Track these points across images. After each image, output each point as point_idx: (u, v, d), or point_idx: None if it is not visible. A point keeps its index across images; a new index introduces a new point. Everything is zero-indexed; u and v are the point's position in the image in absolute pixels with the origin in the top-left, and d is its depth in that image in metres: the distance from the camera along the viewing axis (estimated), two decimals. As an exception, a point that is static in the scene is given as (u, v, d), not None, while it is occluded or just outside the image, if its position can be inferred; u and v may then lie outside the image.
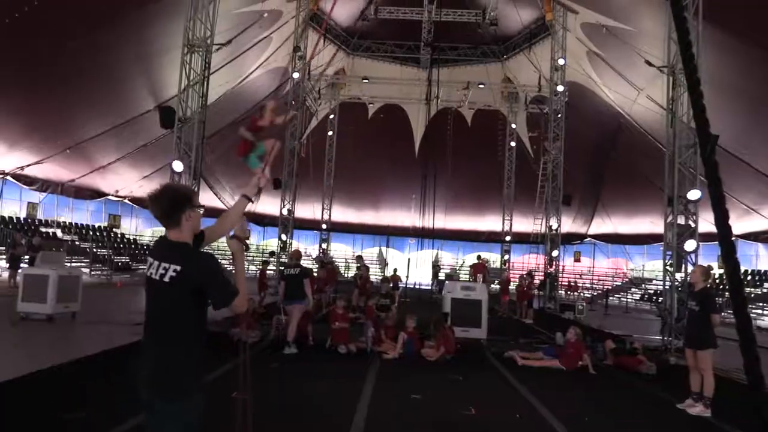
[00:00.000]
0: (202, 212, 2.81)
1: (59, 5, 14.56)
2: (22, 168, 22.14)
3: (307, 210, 28.97)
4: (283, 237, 21.33)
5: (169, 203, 2.70)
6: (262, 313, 11.88)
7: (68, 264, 12.65)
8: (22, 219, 24.49)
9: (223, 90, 21.51)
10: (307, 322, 10.17)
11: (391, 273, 22.89)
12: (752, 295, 22.28)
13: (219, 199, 32.53)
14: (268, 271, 16.12)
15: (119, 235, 29.35)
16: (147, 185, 28.36)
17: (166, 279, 2.60)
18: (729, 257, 1.16)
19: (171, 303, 2.65)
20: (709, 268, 7.53)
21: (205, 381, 2.69)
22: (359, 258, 21.61)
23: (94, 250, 24.15)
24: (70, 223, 26.86)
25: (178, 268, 2.60)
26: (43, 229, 24.14)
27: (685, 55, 1.28)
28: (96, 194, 27.62)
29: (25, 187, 23.74)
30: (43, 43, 15.71)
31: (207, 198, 29.75)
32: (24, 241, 18.85)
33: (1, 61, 15.87)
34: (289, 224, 21.47)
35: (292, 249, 18.53)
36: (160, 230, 2.97)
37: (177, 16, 15.67)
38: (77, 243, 24.73)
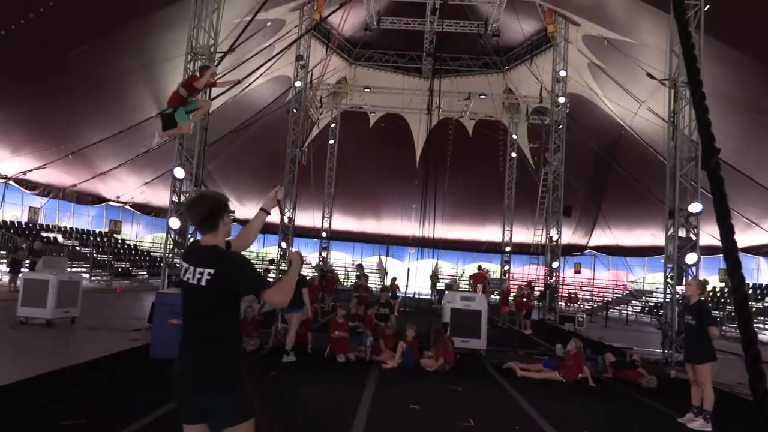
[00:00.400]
0: (233, 217, 2.94)
1: (63, 14, 14.62)
2: (24, 173, 22.19)
3: (308, 218, 28.98)
4: (283, 245, 21.32)
5: (208, 209, 2.85)
6: (261, 320, 11.84)
7: (68, 269, 12.64)
8: (23, 223, 24.50)
9: (225, 98, 21.56)
10: (306, 330, 10.15)
11: (390, 282, 22.89)
12: (754, 309, 22.22)
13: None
14: (268, 279, 16.09)
15: (120, 241, 29.33)
16: (148, 191, 28.43)
17: (203, 282, 2.75)
18: (734, 272, 1.16)
19: (209, 305, 2.79)
20: (705, 281, 7.54)
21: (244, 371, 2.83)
22: (359, 267, 21.57)
23: (95, 255, 24.13)
24: (71, 228, 26.87)
25: (212, 270, 2.74)
26: (44, 234, 24.14)
27: (691, 69, 1.29)
28: (97, 200, 27.63)
29: (26, 191, 23.77)
30: (47, 52, 15.79)
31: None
32: (25, 245, 18.86)
33: (6, 70, 15.94)
34: (289, 232, 21.47)
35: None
36: (161, 236, 3.02)
37: (180, 25, 15.74)
38: (78, 248, 24.73)
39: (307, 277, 13.43)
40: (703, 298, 7.19)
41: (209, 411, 2.71)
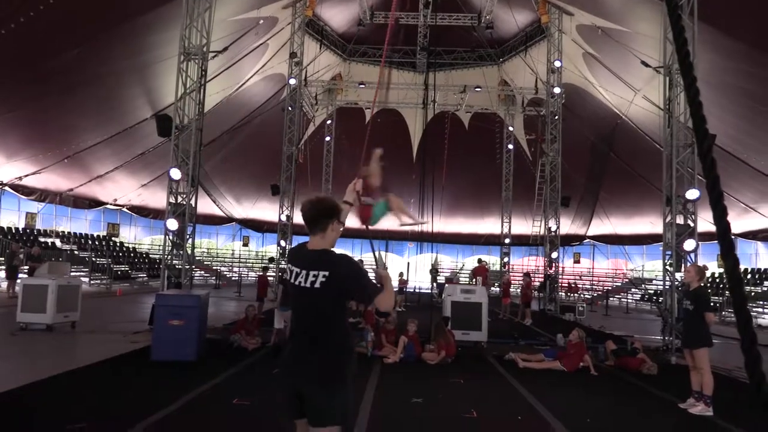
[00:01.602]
0: (342, 229, 3.09)
1: (55, 16, 14.56)
2: (20, 178, 22.13)
3: (306, 216, 28.90)
4: (282, 243, 21.30)
5: (326, 210, 2.99)
6: (262, 319, 11.86)
7: (65, 273, 12.65)
8: (20, 229, 24.46)
9: (220, 97, 21.54)
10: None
11: (398, 277, 22.99)
12: (752, 294, 22.28)
13: (218, 206, 32.54)
14: (268, 277, 16.09)
15: (118, 244, 29.30)
16: (145, 194, 28.38)
17: (317, 285, 2.86)
18: (728, 254, 1.15)
19: (325, 307, 2.90)
20: (704, 267, 7.52)
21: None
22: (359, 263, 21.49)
23: (93, 259, 24.11)
24: (69, 233, 26.83)
25: (327, 273, 2.85)
26: (42, 239, 24.11)
27: (681, 53, 1.28)
28: (94, 203, 27.60)
29: (23, 197, 23.71)
30: (40, 55, 15.73)
31: (206, 205, 29.75)
32: (23, 251, 18.82)
33: (-1, 73, 15.90)
34: (287, 230, 21.45)
35: None
36: (159, 238, 3.05)
37: (172, 25, 15.69)
38: (76, 252, 24.70)
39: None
40: (702, 284, 7.21)
41: (311, 405, 2.81)
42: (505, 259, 27.68)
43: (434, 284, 22.76)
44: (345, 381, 2.83)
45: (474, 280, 19.68)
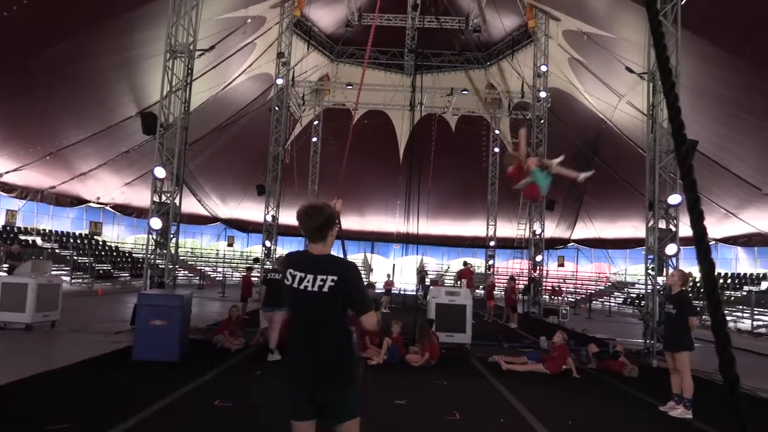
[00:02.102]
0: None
1: (39, 12, 14.39)
2: (0, 175, 21.80)
3: (292, 216, 28.66)
4: (267, 243, 21.21)
5: (323, 220, 3.02)
6: (246, 319, 11.79)
7: (46, 272, 12.49)
8: (0, 227, 24.09)
9: (206, 96, 21.40)
10: (287, 332, 10.16)
11: (385, 279, 23.11)
12: (732, 299, 22.59)
13: (203, 205, 32.32)
14: (252, 278, 16.01)
15: (101, 243, 28.98)
16: (129, 192, 28.11)
17: (326, 289, 2.90)
18: (704, 258, 1.17)
19: (331, 310, 2.95)
20: (689, 274, 7.61)
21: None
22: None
23: (75, 257, 23.82)
24: (51, 231, 26.49)
25: (335, 277, 2.90)
26: (23, 237, 23.78)
27: (661, 58, 1.30)
28: (77, 201, 27.26)
29: (3, 194, 23.37)
30: (22, 50, 15.52)
31: (190, 205, 29.54)
32: (2, 249, 18.54)
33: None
34: (273, 231, 21.37)
35: (277, 255, 18.43)
36: (143, 237, 3.04)
37: (159, 22, 15.57)
38: (57, 251, 24.39)
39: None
40: (685, 289, 7.30)
41: (329, 407, 2.93)
42: (490, 262, 27.81)
43: (421, 286, 22.80)
44: (356, 379, 2.99)
45: (459, 282, 19.74)
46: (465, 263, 21.32)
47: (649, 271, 11.75)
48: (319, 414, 2.96)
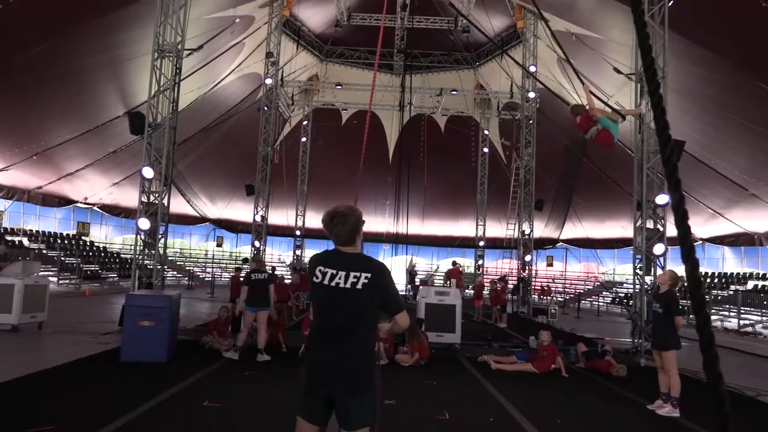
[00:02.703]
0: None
1: (24, 10, 14.24)
2: (-14, 175, 21.59)
3: (281, 216, 28.78)
4: (257, 244, 21.14)
5: (351, 228, 3.03)
6: (235, 320, 11.74)
7: (35, 272, 12.38)
8: (-14, 227, 23.85)
9: (195, 96, 21.29)
10: (278, 331, 10.17)
11: None
12: (719, 298, 22.80)
13: (191, 206, 32.15)
14: (241, 278, 15.93)
15: (88, 243, 28.75)
16: (117, 192, 27.90)
17: (359, 286, 2.91)
18: (689, 256, 1.18)
19: (363, 308, 2.93)
20: (681, 277, 7.64)
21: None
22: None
23: (63, 258, 23.60)
24: (37, 231, 26.24)
25: (369, 275, 2.92)
26: (9, 238, 23.52)
27: (647, 59, 1.31)
28: (64, 201, 27.02)
29: (-11, 194, 23.14)
30: (8, 48, 15.35)
31: (179, 205, 29.37)
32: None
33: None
34: (262, 231, 21.29)
35: (257, 256, 18.32)
36: (131, 238, 3.01)
37: (146, 21, 15.47)
38: (44, 251, 24.16)
39: (279, 275, 13.34)
40: (674, 289, 7.35)
41: (346, 410, 2.85)
42: (480, 262, 27.88)
43: (410, 286, 22.82)
44: (375, 385, 2.91)
45: (448, 282, 19.78)
46: (454, 263, 21.38)
47: (637, 271, 11.83)
48: (337, 416, 2.92)
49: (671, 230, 11.80)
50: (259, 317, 9.15)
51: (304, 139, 28.67)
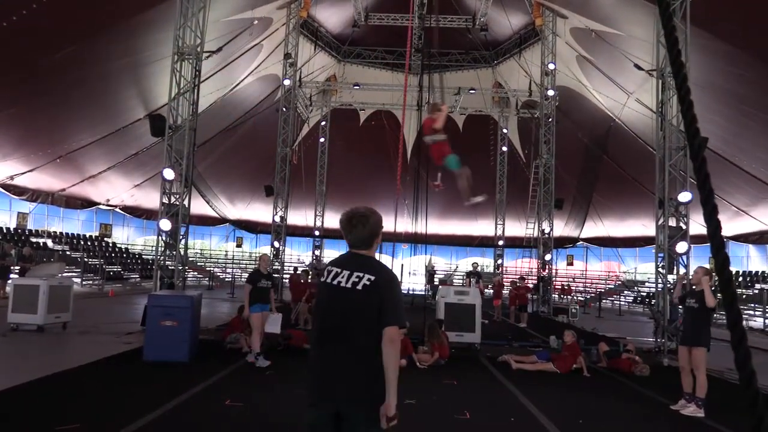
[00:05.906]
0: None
1: (48, 15, 14.48)
2: (12, 178, 21.98)
3: (300, 217, 28.91)
4: (276, 244, 21.25)
5: (370, 232, 2.94)
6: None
7: (59, 274, 12.59)
8: (12, 229, 24.30)
9: (214, 98, 21.48)
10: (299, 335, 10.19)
11: None
12: (744, 296, 22.39)
13: (211, 207, 32.44)
14: (301, 280, 15.85)
15: (110, 245, 29.16)
16: (138, 194, 28.26)
17: (360, 287, 2.79)
18: (719, 252, 1.16)
19: (363, 311, 2.77)
20: (711, 269, 7.48)
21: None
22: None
23: (86, 259, 23.98)
24: (61, 233, 26.67)
25: (372, 277, 2.80)
26: (34, 239, 23.96)
27: (673, 52, 1.28)
28: (87, 203, 27.44)
29: (14, 197, 23.55)
30: (32, 55, 15.63)
31: (199, 206, 29.65)
32: (14, 251, 18.69)
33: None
34: (281, 231, 21.41)
35: (262, 256, 18.35)
36: (152, 239, 3.02)
37: (166, 25, 15.64)
38: (68, 253, 24.56)
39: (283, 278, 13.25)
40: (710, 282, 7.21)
41: (352, 422, 2.72)
42: (499, 261, 27.72)
43: (429, 285, 22.75)
44: (381, 397, 2.70)
45: (469, 282, 19.64)
46: (474, 264, 21.26)
47: (660, 270, 11.67)
48: (341, 422, 2.76)
49: (694, 228, 11.66)
50: (259, 318, 8.77)
51: (322, 140, 28.76)
